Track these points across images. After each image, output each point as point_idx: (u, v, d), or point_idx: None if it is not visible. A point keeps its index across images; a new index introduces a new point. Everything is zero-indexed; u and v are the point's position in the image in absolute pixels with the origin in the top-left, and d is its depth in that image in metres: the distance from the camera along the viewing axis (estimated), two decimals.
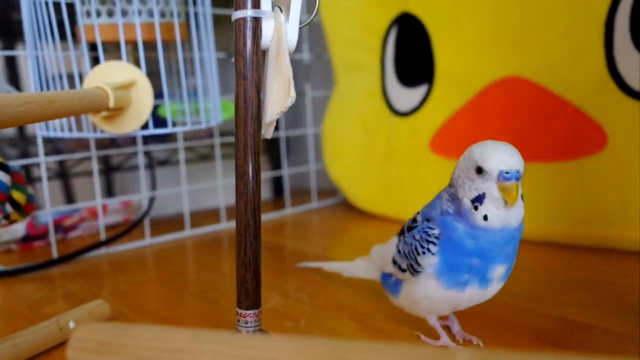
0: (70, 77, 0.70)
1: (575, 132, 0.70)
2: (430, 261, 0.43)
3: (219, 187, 0.92)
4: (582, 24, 0.69)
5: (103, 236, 0.80)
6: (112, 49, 0.75)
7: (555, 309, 0.53)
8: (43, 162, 0.75)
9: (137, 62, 0.67)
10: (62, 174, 1.04)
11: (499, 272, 0.43)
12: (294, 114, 1.20)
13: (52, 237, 0.76)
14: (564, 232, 0.72)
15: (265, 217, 0.97)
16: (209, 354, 0.29)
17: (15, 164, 0.70)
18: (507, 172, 0.39)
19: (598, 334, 0.48)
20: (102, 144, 0.94)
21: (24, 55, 0.73)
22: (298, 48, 0.97)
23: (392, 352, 0.26)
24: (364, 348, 0.26)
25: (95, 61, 0.72)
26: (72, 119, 0.71)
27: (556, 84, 0.71)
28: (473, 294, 0.44)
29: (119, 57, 0.66)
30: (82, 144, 0.91)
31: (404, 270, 0.46)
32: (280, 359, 0.27)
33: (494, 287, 0.44)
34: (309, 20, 0.47)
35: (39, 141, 0.75)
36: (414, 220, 0.46)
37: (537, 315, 0.52)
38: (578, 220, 0.71)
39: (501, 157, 0.40)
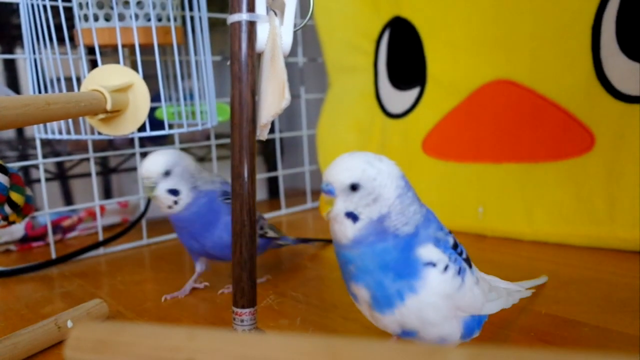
0: (68, 80, 0.71)
1: (563, 134, 0.71)
2: None
3: None
4: (570, 28, 0.70)
5: (101, 237, 0.81)
6: (110, 53, 0.75)
7: (546, 306, 0.54)
8: (41, 163, 0.75)
9: (134, 65, 0.67)
10: (61, 175, 1.05)
11: (359, 292, 0.39)
12: (288, 116, 1.21)
13: (51, 238, 0.77)
14: (553, 230, 0.73)
15: None
16: (205, 352, 0.30)
17: (14, 165, 0.71)
18: (325, 185, 0.37)
19: (587, 330, 0.48)
20: (100, 146, 0.94)
21: (23, 58, 0.74)
22: (292, 52, 0.97)
23: (386, 350, 0.26)
24: (358, 346, 0.27)
25: (92, 64, 0.73)
26: (70, 121, 0.71)
27: (545, 87, 0.73)
28: (361, 308, 0.41)
29: (117, 61, 0.67)
30: (80, 146, 0.92)
31: None
32: (276, 357, 0.28)
33: (371, 312, 0.40)
34: (302, 24, 0.48)
35: (37, 143, 0.75)
36: None
37: (528, 312, 0.53)
38: (567, 219, 0.72)
39: (331, 168, 0.38)
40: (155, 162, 0.57)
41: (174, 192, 0.57)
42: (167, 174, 0.57)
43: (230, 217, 0.57)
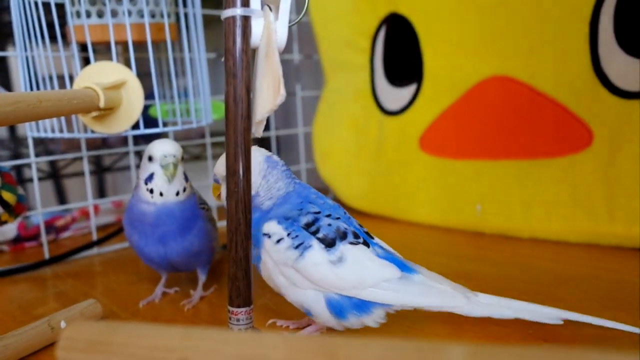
0: (61, 78, 0.70)
1: (561, 130, 0.71)
2: None
3: (210, 187, 0.92)
4: (567, 23, 0.69)
5: (95, 236, 0.80)
6: (103, 50, 0.75)
7: (545, 303, 0.53)
8: (34, 162, 0.75)
9: (127, 63, 0.67)
10: (54, 174, 1.04)
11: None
12: (284, 114, 1.20)
13: (44, 238, 0.76)
14: (551, 228, 0.73)
15: None
16: (200, 352, 0.29)
17: (6, 164, 0.70)
18: (213, 176, 0.49)
19: (587, 328, 0.48)
20: (94, 144, 0.94)
21: (14, 56, 0.73)
22: (288, 48, 0.97)
23: (382, 347, 0.26)
24: (355, 344, 0.26)
25: (85, 62, 0.72)
26: (63, 119, 0.71)
27: (543, 83, 0.72)
28: None
29: (110, 58, 0.66)
30: (73, 145, 0.91)
31: None
32: (272, 356, 0.28)
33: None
34: (298, 19, 0.48)
35: (30, 142, 0.75)
36: None
37: None
38: (565, 216, 0.72)
39: (217, 163, 0.48)
40: (172, 144, 0.56)
41: (185, 177, 0.57)
42: (182, 158, 0.57)
43: (203, 223, 0.58)
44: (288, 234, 0.45)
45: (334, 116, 0.99)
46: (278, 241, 0.45)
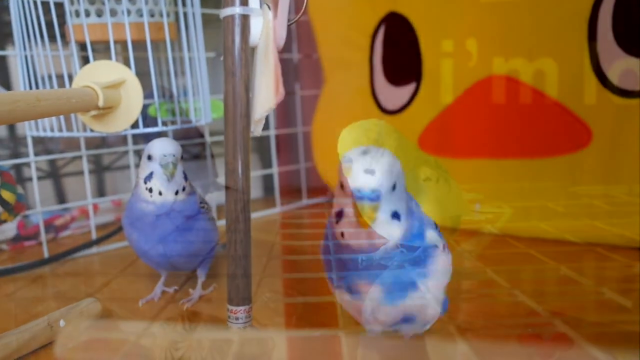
0: (60, 77, 0.70)
1: (561, 129, 0.71)
2: None
3: (210, 187, 0.92)
4: (566, 22, 0.70)
5: (94, 235, 0.80)
6: (102, 49, 0.75)
7: (545, 303, 0.54)
8: (33, 161, 0.75)
9: (126, 62, 0.67)
10: (53, 173, 1.04)
11: (367, 289, 0.39)
12: (283, 113, 1.20)
13: (43, 237, 0.76)
14: (550, 226, 0.73)
15: (256, 214, 0.97)
16: (199, 349, 0.29)
17: (5, 163, 0.70)
18: (370, 192, 0.36)
19: (586, 327, 0.48)
20: (93, 143, 0.93)
21: (14, 55, 0.73)
22: (287, 48, 0.97)
23: (385, 345, 0.26)
24: (357, 342, 0.26)
25: (84, 61, 0.72)
26: (62, 118, 0.71)
27: (542, 82, 0.72)
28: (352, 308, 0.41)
29: (109, 57, 0.66)
30: (72, 144, 0.91)
31: None
32: (272, 355, 0.28)
33: (377, 307, 0.39)
34: (297, 18, 0.48)
35: (29, 141, 0.75)
36: None
37: (526, 309, 0.53)
38: (565, 216, 0.72)
39: (367, 172, 0.37)
40: (171, 143, 0.56)
41: (185, 176, 0.57)
42: (181, 157, 0.57)
43: (203, 222, 0.58)
44: (440, 238, 0.40)
45: (333, 115, 0.99)
46: (443, 248, 0.40)
